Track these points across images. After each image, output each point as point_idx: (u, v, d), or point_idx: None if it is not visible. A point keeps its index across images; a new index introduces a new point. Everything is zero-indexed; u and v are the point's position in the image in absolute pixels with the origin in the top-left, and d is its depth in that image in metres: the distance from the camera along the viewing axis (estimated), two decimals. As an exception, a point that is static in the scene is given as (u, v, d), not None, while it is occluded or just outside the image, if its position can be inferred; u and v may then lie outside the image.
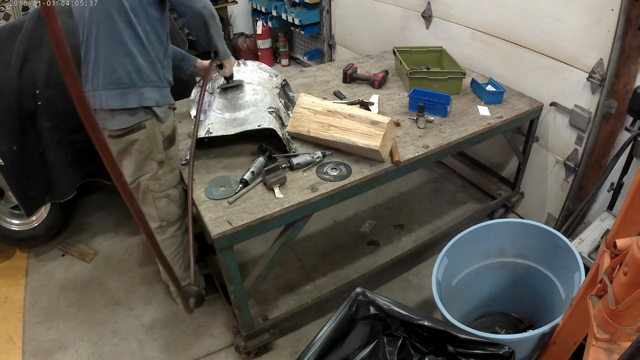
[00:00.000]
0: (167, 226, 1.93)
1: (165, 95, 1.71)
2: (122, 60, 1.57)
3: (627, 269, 0.94)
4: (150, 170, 1.76)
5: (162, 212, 1.88)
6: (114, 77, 1.59)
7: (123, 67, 1.58)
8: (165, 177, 1.80)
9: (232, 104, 2.02)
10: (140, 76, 1.61)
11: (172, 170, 1.82)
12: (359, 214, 2.89)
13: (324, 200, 1.76)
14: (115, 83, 1.59)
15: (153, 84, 1.65)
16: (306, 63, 4.75)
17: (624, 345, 1.01)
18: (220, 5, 4.73)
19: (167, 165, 1.79)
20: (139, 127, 1.66)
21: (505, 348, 1.36)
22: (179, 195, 1.89)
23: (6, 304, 2.37)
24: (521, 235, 1.88)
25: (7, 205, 2.59)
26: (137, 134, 1.66)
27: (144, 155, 1.72)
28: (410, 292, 2.37)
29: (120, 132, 1.66)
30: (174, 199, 1.88)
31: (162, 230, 1.93)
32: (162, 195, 1.84)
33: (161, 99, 1.68)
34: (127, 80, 1.59)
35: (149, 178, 1.78)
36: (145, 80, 1.62)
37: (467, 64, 2.74)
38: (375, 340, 1.52)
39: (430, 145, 2.01)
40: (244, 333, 1.95)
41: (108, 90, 1.60)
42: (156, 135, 1.70)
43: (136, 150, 1.70)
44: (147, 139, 1.68)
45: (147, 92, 1.63)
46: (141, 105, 1.62)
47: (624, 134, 2.10)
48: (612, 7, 1.91)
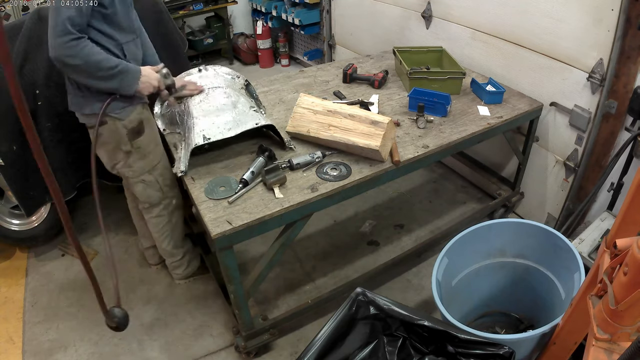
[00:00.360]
0: (150, 207, 2.10)
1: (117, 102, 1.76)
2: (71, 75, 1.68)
3: (627, 269, 0.94)
4: (121, 159, 1.91)
5: (141, 195, 2.04)
6: (70, 87, 1.75)
7: (73, 81, 1.72)
8: (136, 165, 1.93)
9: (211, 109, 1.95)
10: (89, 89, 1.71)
11: (142, 158, 1.93)
12: (359, 214, 2.89)
13: (324, 200, 1.76)
14: (72, 92, 1.76)
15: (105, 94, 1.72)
16: (306, 63, 4.75)
17: (624, 345, 1.01)
18: (220, 5, 4.73)
19: (136, 154, 1.91)
20: (101, 123, 1.77)
21: (505, 348, 1.36)
22: (154, 180, 2.01)
23: (6, 304, 2.37)
24: (521, 235, 1.88)
25: (7, 205, 2.59)
26: (100, 129, 1.79)
27: (111, 145, 1.86)
28: (410, 292, 2.37)
29: (89, 125, 1.83)
30: (150, 183, 2.01)
31: (146, 210, 2.12)
32: (138, 181, 1.99)
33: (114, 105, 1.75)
34: (79, 93, 1.73)
35: (122, 166, 1.94)
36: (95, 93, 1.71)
37: (467, 64, 2.74)
38: (375, 340, 1.52)
39: (430, 145, 2.01)
40: (244, 333, 1.95)
41: (70, 95, 1.78)
42: (118, 129, 1.81)
43: (103, 142, 1.85)
44: (110, 132, 1.81)
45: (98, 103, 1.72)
46: (93, 113, 1.75)
47: (624, 134, 2.10)
48: (612, 7, 1.91)
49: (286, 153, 1.97)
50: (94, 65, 1.59)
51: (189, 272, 2.41)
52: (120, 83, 1.70)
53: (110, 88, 1.70)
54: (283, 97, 2.50)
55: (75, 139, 2.34)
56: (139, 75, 1.75)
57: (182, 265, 2.36)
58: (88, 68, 1.59)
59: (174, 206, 2.17)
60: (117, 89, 1.72)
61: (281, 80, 2.71)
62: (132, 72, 1.73)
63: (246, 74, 2.37)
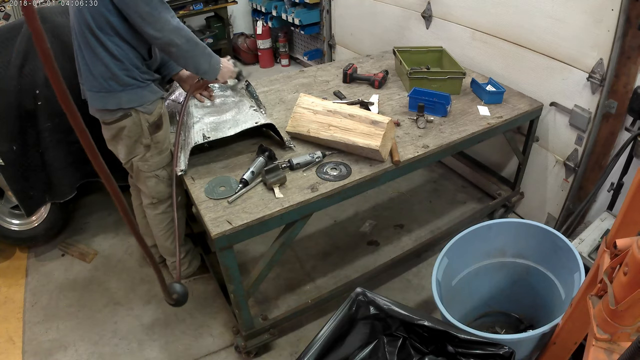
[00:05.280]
0: (158, 203, 2.09)
1: (145, 94, 1.79)
2: (99, 69, 1.68)
3: (627, 269, 0.94)
4: (139, 153, 1.90)
5: (152, 190, 2.02)
6: (95, 82, 1.71)
7: (100, 75, 1.69)
8: (152, 159, 1.93)
9: (214, 108, 2.00)
10: (117, 81, 1.70)
11: (159, 153, 1.93)
12: (359, 214, 2.89)
13: (324, 200, 1.76)
14: (97, 87, 1.72)
15: (132, 86, 1.74)
16: (306, 63, 4.75)
17: (624, 345, 1.01)
18: (220, 5, 4.73)
19: (155, 149, 1.91)
20: (126, 116, 1.78)
21: (505, 348, 1.36)
22: (167, 175, 2.01)
23: (6, 304, 2.37)
24: (521, 235, 1.88)
25: (7, 205, 2.59)
26: (124, 122, 1.79)
27: (133, 139, 1.85)
28: (410, 292, 2.37)
29: (109, 121, 1.81)
30: (163, 179, 2.01)
31: (153, 206, 2.10)
32: (151, 175, 1.98)
33: (141, 99, 1.77)
34: (106, 86, 1.71)
35: (139, 159, 1.92)
36: (123, 85, 1.73)
37: (467, 64, 2.74)
38: (375, 340, 1.52)
39: (430, 145, 2.01)
40: (244, 333, 1.95)
41: (92, 92, 1.75)
42: (142, 122, 1.82)
43: (125, 135, 1.84)
44: (133, 125, 1.81)
45: (125, 95, 1.73)
46: (120, 107, 1.75)
47: (624, 134, 2.10)
48: (612, 7, 1.91)
49: (286, 153, 1.97)
50: (194, 43, 1.70)
51: (189, 272, 2.41)
52: (210, 65, 1.79)
53: (203, 69, 1.78)
54: (283, 97, 2.50)
55: (75, 139, 2.34)
56: (220, 61, 1.83)
57: (183, 265, 2.36)
58: (190, 46, 1.69)
59: (179, 203, 2.13)
60: (206, 71, 1.79)
61: (281, 80, 2.71)
62: (217, 57, 1.79)
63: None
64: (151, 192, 2.04)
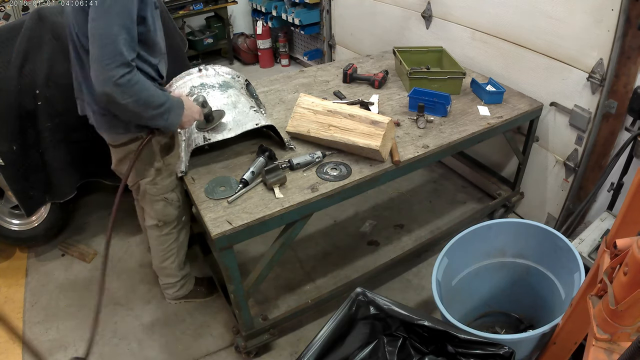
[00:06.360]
0: (164, 226, 1.98)
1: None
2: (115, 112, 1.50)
3: (627, 269, 0.94)
4: (149, 176, 1.81)
5: (159, 213, 1.92)
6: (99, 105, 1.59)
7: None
8: (162, 182, 1.84)
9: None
10: None
11: (169, 176, 1.85)
12: (359, 214, 2.89)
13: (324, 200, 1.76)
14: (102, 110, 1.59)
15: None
16: (306, 63, 4.75)
17: (624, 345, 1.01)
18: (220, 5, 4.73)
19: (165, 171, 1.83)
20: (137, 139, 1.68)
21: (505, 348, 1.36)
22: (177, 198, 1.93)
23: (6, 304, 2.37)
24: (521, 235, 1.88)
25: (7, 205, 2.58)
26: (133, 145, 1.69)
27: (143, 163, 1.75)
28: (410, 292, 2.37)
29: (117, 143, 1.71)
30: (172, 202, 1.91)
31: (159, 228, 1.99)
32: (160, 199, 1.88)
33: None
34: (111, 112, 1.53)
35: (147, 182, 1.82)
36: None
37: (467, 64, 2.74)
38: (375, 340, 1.52)
39: (430, 145, 2.01)
40: (244, 333, 1.95)
41: (97, 115, 1.63)
42: (152, 144, 1.72)
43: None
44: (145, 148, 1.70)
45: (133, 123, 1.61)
46: (128, 132, 1.65)
47: (624, 134, 2.10)
48: (612, 7, 1.91)
49: (286, 153, 1.97)
50: (143, 104, 1.45)
51: (180, 295, 2.28)
52: (167, 121, 1.57)
53: (157, 125, 1.59)
54: (283, 97, 2.50)
55: (75, 139, 2.34)
56: (182, 111, 1.62)
57: (174, 287, 2.24)
58: (137, 107, 1.44)
59: (184, 223, 2.07)
60: (164, 127, 1.60)
61: (281, 80, 2.71)
62: (177, 108, 1.59)
63: (246, 74, 2.37)
64: (158, 215, 1.93)
